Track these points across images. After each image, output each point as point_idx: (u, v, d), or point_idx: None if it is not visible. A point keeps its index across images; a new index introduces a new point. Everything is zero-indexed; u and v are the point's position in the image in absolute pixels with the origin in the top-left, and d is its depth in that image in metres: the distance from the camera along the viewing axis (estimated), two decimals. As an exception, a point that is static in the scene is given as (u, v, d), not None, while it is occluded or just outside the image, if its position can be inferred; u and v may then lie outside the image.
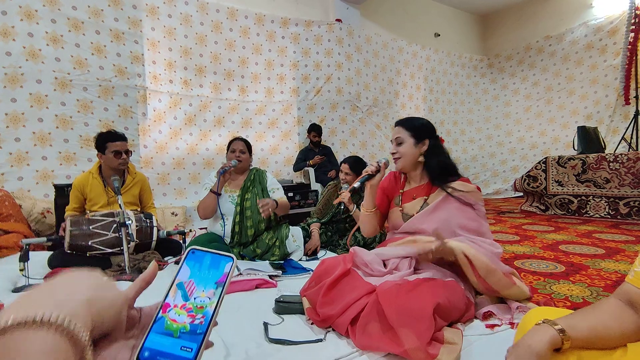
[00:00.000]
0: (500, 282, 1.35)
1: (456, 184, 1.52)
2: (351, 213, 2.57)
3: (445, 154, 1.62)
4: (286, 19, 5.04)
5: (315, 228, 2.68)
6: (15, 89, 3.25)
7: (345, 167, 2.64)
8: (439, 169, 1.57)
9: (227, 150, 2.50)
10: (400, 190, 1.68)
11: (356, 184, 1.55)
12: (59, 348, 0.28)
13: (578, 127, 4.33)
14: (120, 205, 2.12)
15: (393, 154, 1.63)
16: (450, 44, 7.04)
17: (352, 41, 5.54)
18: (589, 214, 3.83)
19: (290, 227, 2.56)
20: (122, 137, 2.46)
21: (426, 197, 1.57)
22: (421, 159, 1.59)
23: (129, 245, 2.11)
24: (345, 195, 2.50)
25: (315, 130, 4.68)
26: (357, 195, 2.65)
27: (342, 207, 2.56)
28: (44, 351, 0.27)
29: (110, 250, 2.21)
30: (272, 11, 4.96)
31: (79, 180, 2.46)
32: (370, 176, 1.57)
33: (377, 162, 1.60)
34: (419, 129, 1.60)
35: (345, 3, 5.50)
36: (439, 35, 6.87)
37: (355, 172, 2.61)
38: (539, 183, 4.22)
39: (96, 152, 2.44)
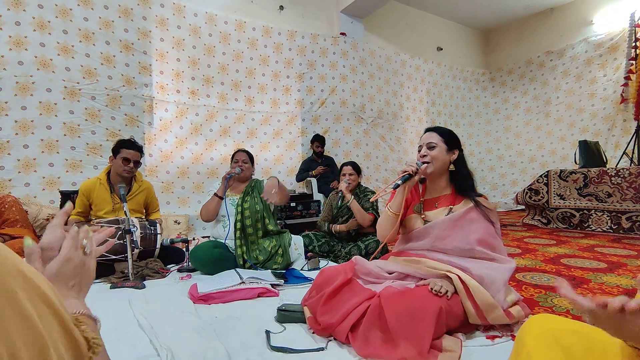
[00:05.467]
0: (498, 319, 1.31)
1: (480, 200, 1.53)
2: (348, 203, 2.67)
3: (468, 168, 1.63)
4: (292, 31, 5.14)
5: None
6: (25, 97, 3.32)
7: (348, 169, 2.81)
8: (467, 182, 1.58)
9: (231, 161, 2.67)
10: (421, 199, 1.65)
11: (399, 181, 1.52)
12: None
13: (580, 141, 4.35)
14: (125, 212, 2.15)
15: (423, 156, 1.56)
16: (453, 57, 7.13)
17: (357, 54, 5.63)
18: (591, 227, 3.83)
19: (292, 235, 2.61)
20: (137, 148, 2.55)
21: (451, 207, 1.55)
22: (452, 167, 1.58)
23: (132, 252, 2.14)
24: (342, 185, 2.69)
25: (318, 140, 4.73)
26: (354, 194, 2.77)
27: (340, 195, 2.75)
28: None
29: (114, 257, 2.24)
30: (278, 24, 5.06)
31: (86, 185, 2.51)
32: (410, 176, 1.53)
33: (416, 163, 1.56)
34: (452, 136, 1.61)
35: (350, 17, 5.61)
36: (442, 49, 6.96)
37: (357, 172, 2.82)
38: (541, 196, 4.23)
39: (108, 157, 2.53)
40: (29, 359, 0.31)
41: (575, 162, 4.38)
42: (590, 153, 4.23)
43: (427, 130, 1.65)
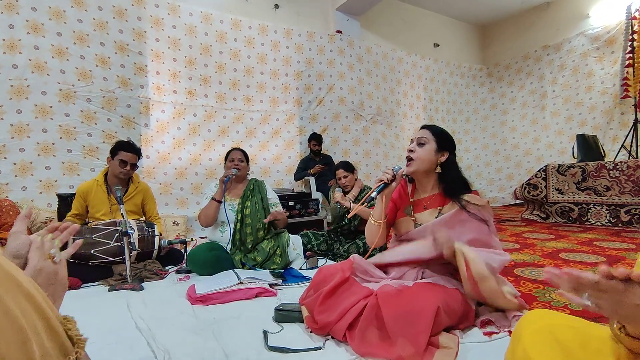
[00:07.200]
0: (491, 291, 1.31)
1: (470, 197, 1.49)
2: (352, 210, 2.62)
3: (460, 170, 1.59)
4: (289, 29, 5.12)
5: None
6: (20, 100, 3.31)
7: (341, 172, 2.77)
8: (455, 184, 1.53)
9: (225, 160, 2.58)
10: (411, 200, 1.62)
11: (373, 194, 1.50)
12: None
13: (577, 135, 4.35)
14: (122, 214, 2.15)
15: (410, 151, 1.55)
16: (450, 53, 7.12)
17: (353, 52, 5.62)
18: (589, 222, 3.83)
19: (290, 235, 2.59)
20: (135, 150, 2.54)
21: (440, 208, 1.53)
22: (438, 169, 1.55)
23: (130, 254, 2.13)
24: (338, 195, 2.65)
25: (315, 139, 4.72)
26: (357, 198, 2.74)
27: (339, 207, 2.70)
28: None
29: (112, 259, 2.23)
30: (274, 22, 5.05)
31: (83, 187, 2.51)
32: (386, 185, 1.51)
33: (392, 169, 1.54)
34: (445, 138, 1.57)
35: (345, 15, 5.59)
36: (438, 45, 6.95)
37: (351, 171, 2.77)
38: (539, 191, 4.23)
39: (104, 159, 2.52)
40: (7, 351, 0.31)
41: (574, 156, 4.38)
42: (588, 147, 4.23)
43: (423, 127, 1.63)
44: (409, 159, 1.54)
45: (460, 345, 1.18)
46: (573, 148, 4.39)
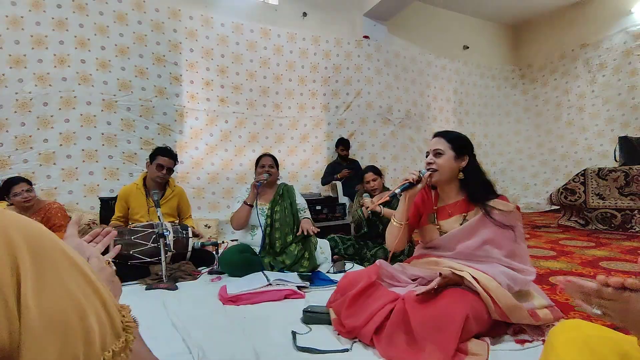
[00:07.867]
0: (523, 319, 1.27)
1: (495, 203, 1.44)
2: (381, 214, 2.61)
3: (483, 173, 1.55)
4: (317, 36, 5.20)
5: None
6: (68, 110, 3.57)
7: (370, 175, 2.78)
8: (479, 188, 1.49)
9: (256, 166, 2.63)
10: (435, 207, 1.59)
11: (397, 190, 1.47)
12: None
13: (620, 137, 4.12)
14: (159, 217, 2.26)
15: (429, 164, 1.50)
16: (480, 55, 6.95)
17: (381, 56, 5.61)
18: (634, 229, 3.61)
19: (318, 239, 2.62)
20: (172, 156, 2.69)
21: (465, 214, 1.49)
22: (460, 175, 1.51)
23: (166, 255, 2.24)
24: (367, 201, 2.64)
25: (342, 144, 4.75)
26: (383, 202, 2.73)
27: (361, 213, 2.69)
28: None
29: (149, 260, 2.35)
30: (303, 30, 5.14)
31: (124, 191, 2.68)
32: (411, 185, 1.47)
33: (419, 171, 1.50)
34: (460, 142, 1.53)
35: (372, 20, 5.60)
36: (468, 47, 6.80)
37: (379, 175, 2.80)
38: (578, 196, 4.03)
39: (142, 164, 2.65)
40: (67, 324, 0.34)
41: (615, 160, 4.14)
42: (631, 149, 3.99)
43: (435, 135, 1.58)
44: (431, 170, 1.51)
45: (491, 352, 1.16)
46: (615, 151, 4.15)
